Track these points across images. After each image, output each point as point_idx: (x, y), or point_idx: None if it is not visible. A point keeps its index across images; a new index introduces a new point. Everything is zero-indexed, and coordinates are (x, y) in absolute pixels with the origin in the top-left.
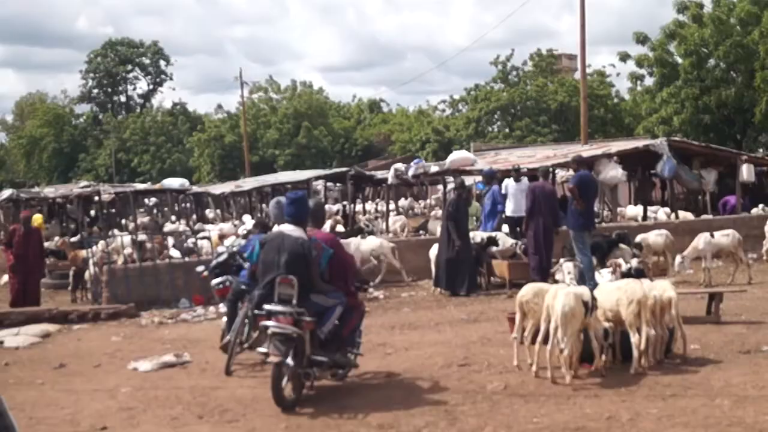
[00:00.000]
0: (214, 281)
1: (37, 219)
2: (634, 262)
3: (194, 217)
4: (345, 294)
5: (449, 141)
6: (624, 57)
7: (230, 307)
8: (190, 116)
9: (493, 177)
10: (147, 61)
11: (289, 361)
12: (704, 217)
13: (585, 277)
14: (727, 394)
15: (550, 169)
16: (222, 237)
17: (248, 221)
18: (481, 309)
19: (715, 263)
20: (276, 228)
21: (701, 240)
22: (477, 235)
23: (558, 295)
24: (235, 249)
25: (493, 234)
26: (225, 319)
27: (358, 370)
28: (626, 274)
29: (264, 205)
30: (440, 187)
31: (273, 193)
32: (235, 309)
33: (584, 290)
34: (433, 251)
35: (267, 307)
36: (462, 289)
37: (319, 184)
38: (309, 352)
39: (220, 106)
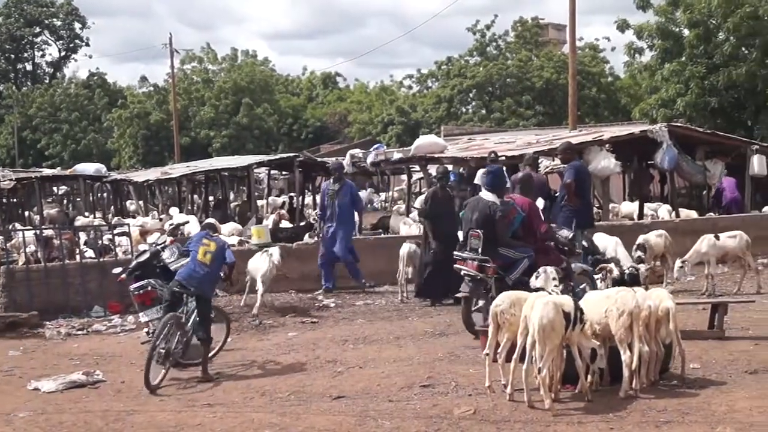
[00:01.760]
0: (134, 285)
1: None
2: (642, 268)
3: (112, 209)
4: (535, 250)
5: (416, 123)
6: (622, 26)
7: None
8: (110, 89)
9: (339, 171)
10: (58, 23)
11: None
12: (709, 215)
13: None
14: (731, 420)
15: (538, 158)
16: (144, 233)
17: (176, 215)
18: (448, 320)
19: (720, 269)
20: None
21: (704, 242)
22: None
23: (536, 305)
24: (159, 247)
25: None
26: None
27: (301, 391)
28: (618, 281)
29: (196, 197)
30: (404, 177)
31: (206, 182)
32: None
33: (566, 300)
34: (404, 250)
35: (460, 253)
36: (445, 298)
37: (261, 172)
38: (492, 293)
39: (144, 78)
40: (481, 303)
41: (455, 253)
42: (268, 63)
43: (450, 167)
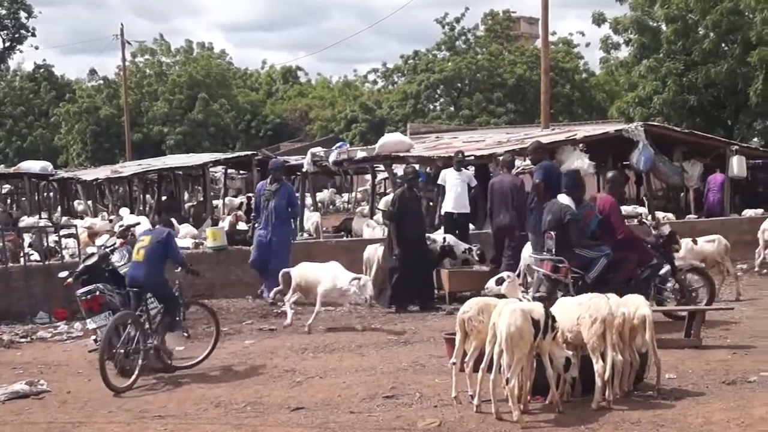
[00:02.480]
0: (81, 290)
1: None
2: None
3: (59, 209)
4: (614, 249)
5: (381, 121)
6: (598, 19)
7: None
8: (57, 82)
9: (278, 171)
10: (2, 12)
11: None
12: (688, 218)
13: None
14: None
15: (513, 159)
16: (93, 235)
17: (127, 216)
18: (413, 328)
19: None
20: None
21: (682, 247)
22: (437, 239)
23: (503, 312)
24: (108, 250)
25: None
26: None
27: (258, 402)
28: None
29: (148, 196)
30: (368, 177)
31: (159, 181)
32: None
33: (536, 307)
34: (368, 254)
35: (534, 255)
36: (411, 304)
37: (217, 171)
38: (571, 291)
39: (93, 72)
40: None
41: (530, 254)
42: (225, 56)
43: (417, 167)
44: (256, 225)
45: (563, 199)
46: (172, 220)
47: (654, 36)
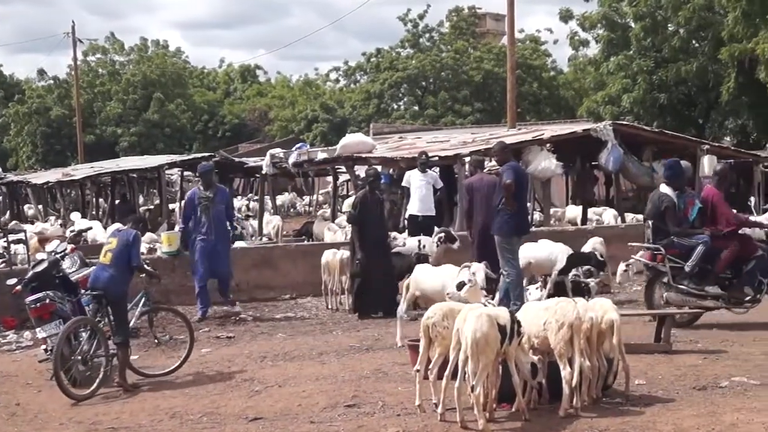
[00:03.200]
0: (30, 298)
1: None
2: (592, 282)
3: (8, 213)
4: (715, 239)
5: (343, 121)
6: (566, 16)
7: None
8: (5, 82)
9: (210, 175)
10: None
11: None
12: None
13: (511, 295)
14: None
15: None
16: (43, 240)
17: (78, 220)
18: (376, 335)
19: None
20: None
21: None
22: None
23: (468, 317)
24: (58, 256)
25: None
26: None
27: (215, 413)
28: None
29: (102, 200)
30: (330, 179)
31: (113, 184)
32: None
33: (501, 312)
34: (326, 258)
35: (632, 244)
36: (374, 311)
37: (173, 174)
38: (671, 280)
39: (42, 72)
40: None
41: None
42: (181, 54)
43: (379, 168)
44: (196, 236)
45: (663, 188)
46: (145, 220)
47: (623, 32)
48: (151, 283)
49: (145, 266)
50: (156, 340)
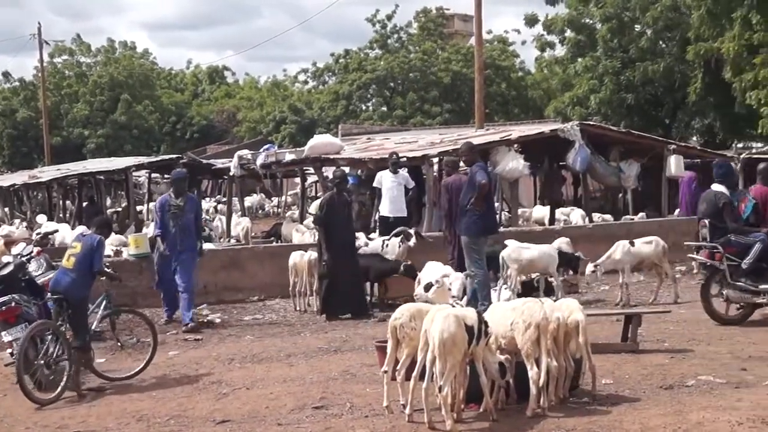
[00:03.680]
0: None
1: None
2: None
3: None
4: None
5: (311, 122)
6: (531, 21)
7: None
8: None
9: (182, 182)
10: None
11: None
12: (624, 219)
13: (479, 295)
14: None
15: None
16: (9, 243)
17: (45, 222)
18: (344, 336)
19: (635, 277)
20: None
21: (619, 249)
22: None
23: (436, 318)
24: (24, 259)
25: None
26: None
27: (182, 415)
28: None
29: (69, 202)
30: (298, 180)
31: (80, 186)
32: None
33: (469, 312)
34: (294, 260)
35: (688, 243)
36: (342, 312)
37: (141, 176)
38: (728, 277)
39: (7, 74)
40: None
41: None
42: (148, 55)
43: (347, 169)
44: (163, 245)
45: (717, 187)
46: (105, 221)
47: (590, 34)
48: (111, 285)
49: (106, 269)
50: (119, 343)
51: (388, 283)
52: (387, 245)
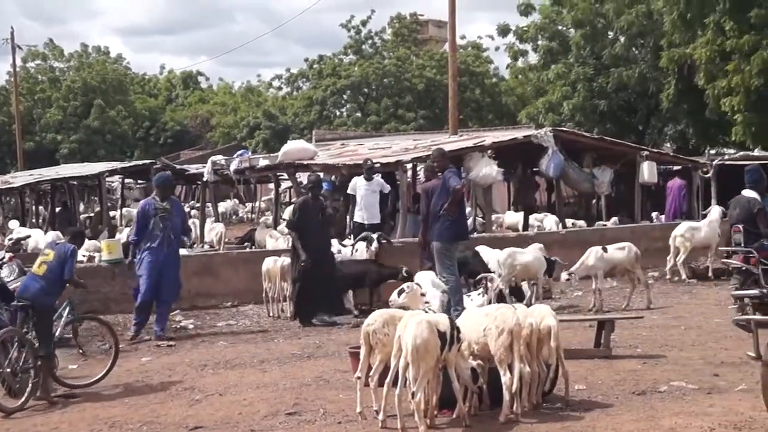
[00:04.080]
0: None
1: None
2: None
3: None
4: None
5: (285, 127)
6: (503, 30)
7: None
8: None
9: (169, 186)
10: None
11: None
12: (597, 225)
13: (451, 301)
14: None
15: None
16: None
17: (17, 228)
18: (317, 342)
19: (608, 283)
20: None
21: (592, 255)
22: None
23: (409, 324)
24: None
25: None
26: None
27: (155, 422)
28: (502, 297)
29: (42, 208)
30: (272, 186)
31: (53, 191)
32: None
33: (441, 318)
34: (267, 266)
35: (725, 249)
36: (317, 318)
37: (114, 181)
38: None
39: None
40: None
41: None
42: (122, 60)
43: (321, 175)
44: (144, 250)
45: (749, 193)
46: (84, 235)
47: (562, 41)
48: (76, 293)
49: (74, 277)
50: (81, 350)
51: (384, 289)
52: (357, 250)
